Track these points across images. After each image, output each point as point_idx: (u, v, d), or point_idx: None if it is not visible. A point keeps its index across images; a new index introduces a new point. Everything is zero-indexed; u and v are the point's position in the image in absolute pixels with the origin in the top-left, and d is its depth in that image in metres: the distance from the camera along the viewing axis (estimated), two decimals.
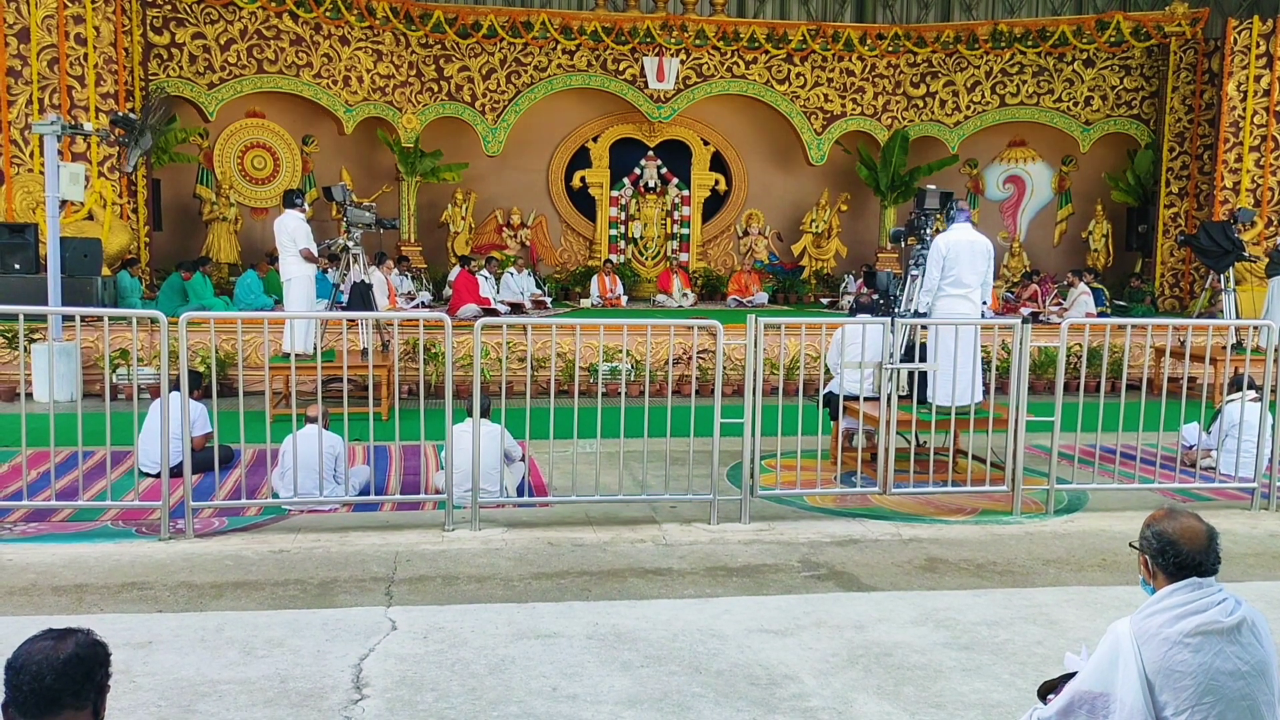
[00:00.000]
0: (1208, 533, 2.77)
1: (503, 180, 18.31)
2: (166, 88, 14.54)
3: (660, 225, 19.02)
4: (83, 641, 2.22)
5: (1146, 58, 17.36)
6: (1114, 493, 7.03)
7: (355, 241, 10.50)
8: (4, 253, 11.43)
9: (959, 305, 7.58)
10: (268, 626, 4.51)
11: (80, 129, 11.12)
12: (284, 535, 5.88)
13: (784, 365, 10.60)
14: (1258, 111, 15.30)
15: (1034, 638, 4.56)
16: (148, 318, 6.63)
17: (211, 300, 13.00)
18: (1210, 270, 12.93)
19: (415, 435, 7.37)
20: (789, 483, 6.76)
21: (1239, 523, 6.53)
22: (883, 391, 6.78)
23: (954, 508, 6.77)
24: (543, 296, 16.24)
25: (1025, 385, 6.68)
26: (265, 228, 14.44)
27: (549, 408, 6.55)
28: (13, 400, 9.78)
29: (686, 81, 17.87)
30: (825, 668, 4.20)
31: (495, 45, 17.27)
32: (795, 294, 18.36)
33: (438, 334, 10.43)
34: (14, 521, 6.10)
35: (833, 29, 18.11)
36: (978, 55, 17.99)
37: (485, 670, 4.12)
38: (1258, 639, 2.68)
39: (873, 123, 18.37)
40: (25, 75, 12.56)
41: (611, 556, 5.64)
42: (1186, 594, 2.71)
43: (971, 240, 7.64)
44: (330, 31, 15.93)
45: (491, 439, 6.43)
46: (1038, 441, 7.67)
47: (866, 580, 5.34)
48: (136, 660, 4.12)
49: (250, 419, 6.75)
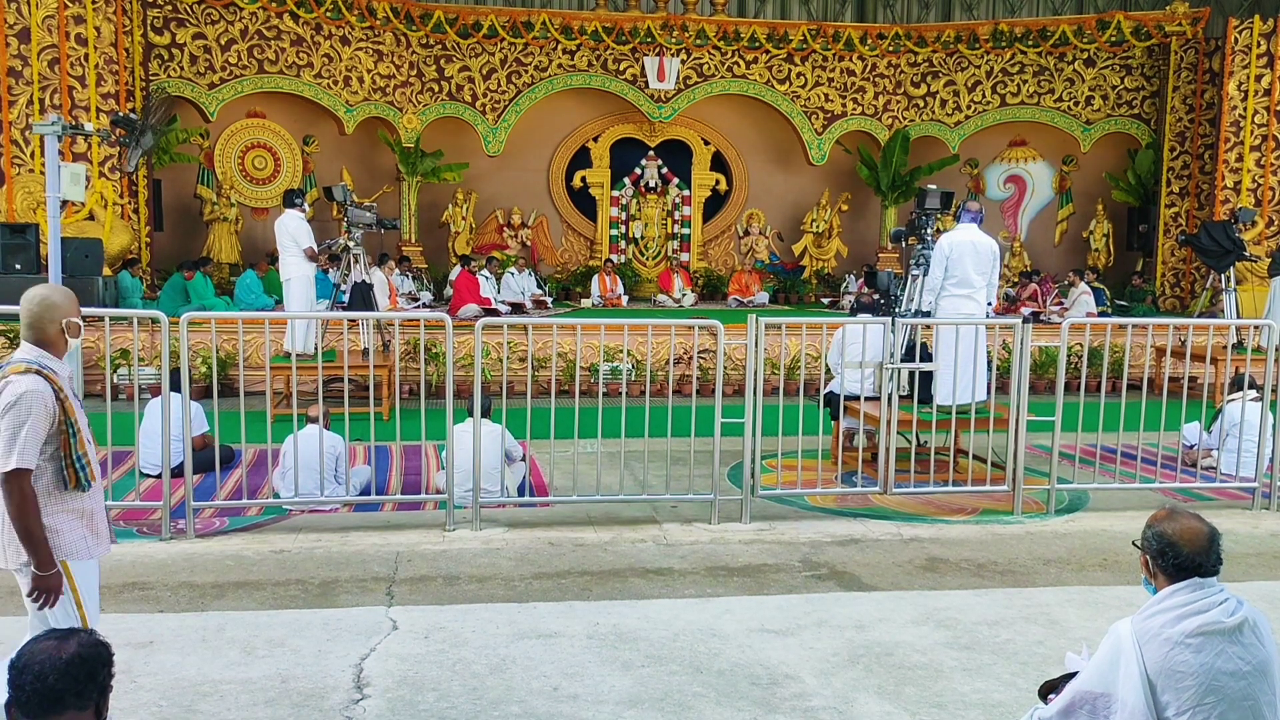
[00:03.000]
0: (1209, 534, 2.77)
1: (503, 180, 18.31)
2: (167, 88, 14.55)
3: (661, 225, 19.02)
4: (85, 642, 2.23)
5: (1147, 57, 17.35)
6: (1115, 492, 7.03)
7: (356, 241, 10.51)
8: (5, 253, 11.43)
9: (964, 305, 7.59)
10: (269, 626, 4.51)
11: (81, 129, 11.07)
12: (285, 535, 5.89)
13: (785, 365, 10.61)
14: (1258, 111, 15.29)
15: (1035, 637, 4.56)
16: (149, 318, 6.64)
17: (213, 300, 13.01)
18: (1211, 270, 12.93)
19: (416, 435, 7.38)
20: (790, 482, 6.77)
21: (1240, 522, 6.54)
22: (883, 391, 6.78)
23: (955, 507, 6.77)
24: (543, 296, 16.23)
25: (1026, 385, 6.68)
26: (266, 228, 14.43)
27: (550, 408, 6.56)
28: None
29: (687, 81, 17.86)
30: (826, 667, 4.20)
31: (496, 45, 17.27)
32: (796, 294, 18.36)
33: (439, 334, 10.44)
34: None
35: (833, 29, 18.10)
36: (978, 55, 17.98)
37: (486, 670, 4.12)
38: (1259, 639, 2.68)
39: (873, 122, 18.36)
40: (26, 75, 12.56)
41: (612, 556, 5.64)
42: (1188, 594, 2.71)
43: (975, 241, 7.64)
44: (331, 32, 15.93)
45: (492, 439, 6.44)
46: (1039, 441, 7.67)
47: (867, 580, 5.34)
48: (138, 660, 4.12)
49: (251, 419, 6.76)
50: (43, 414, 3.05)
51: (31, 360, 3.12)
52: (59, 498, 3.14)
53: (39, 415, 3.04)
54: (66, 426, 3.12)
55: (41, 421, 3.05)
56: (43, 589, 3.07)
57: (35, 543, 3.05)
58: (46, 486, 3.12)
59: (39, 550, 3.05)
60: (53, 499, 3.13)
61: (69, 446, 3.12)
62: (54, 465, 3.12)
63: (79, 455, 3.14)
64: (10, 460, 3.00)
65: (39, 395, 3.05)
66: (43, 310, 3.19)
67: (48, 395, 3.07)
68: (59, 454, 3.12)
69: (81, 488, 3.15)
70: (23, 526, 3.03)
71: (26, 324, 3.18)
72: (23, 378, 3.06)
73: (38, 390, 3.05)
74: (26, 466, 3.03)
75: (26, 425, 3.01)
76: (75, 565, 3.19)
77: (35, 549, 3.05)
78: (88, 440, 3.22)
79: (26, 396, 3.03)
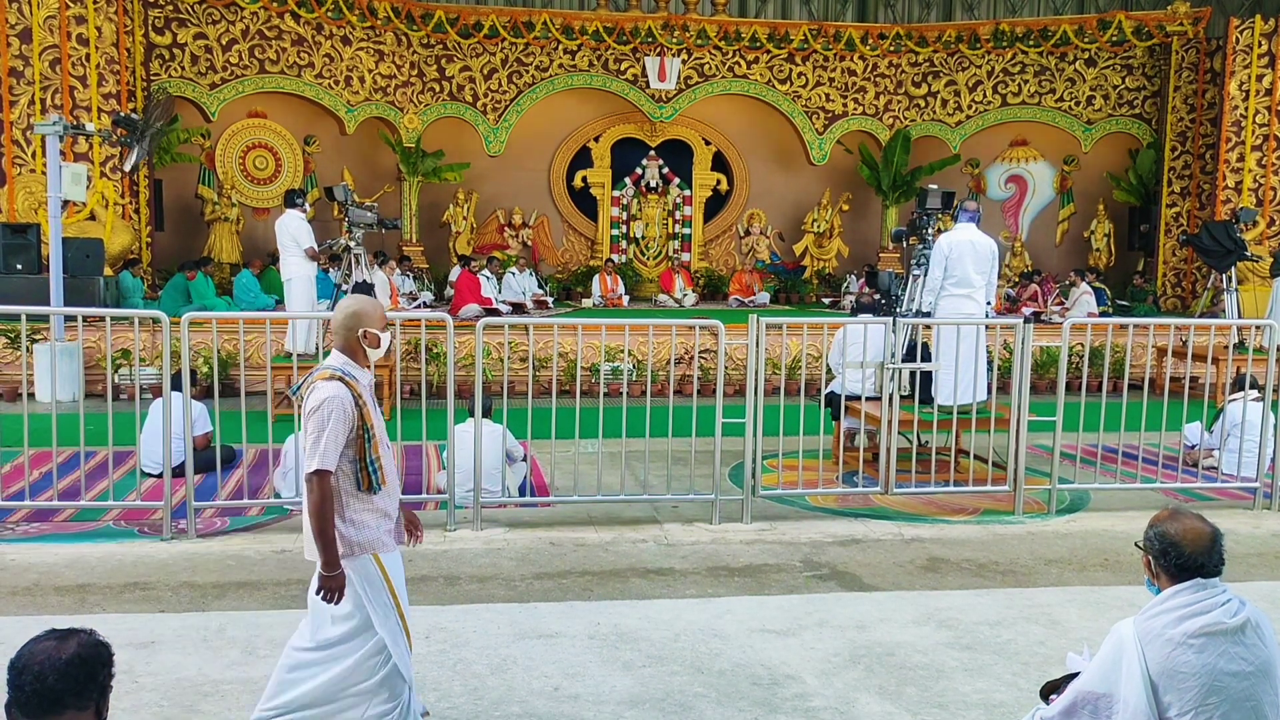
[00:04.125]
0: (1211, 534, 2.77)
1: (504, 180, 18.31)
2: (168, 88, 14.55)
3: (662, 225, 19.02)
4: (86, 642, 2.22)
5: (1148, 57, 17.34)
6: (1116, 492, 7.02)
7: (357, 241, 10.50)
8: (6, 253, 11.44)
9: (963, 305, 7.57)
10: (270, 626, 4.51)
11: (82, 129, 11.12)
12: (286, 535, 5.88)
13: (785, 365, 10.61)
14: (1260, 111, 15.28)
15: (1036, 638, 4.55)
16: (150, 318, 6.64)
17: (214, 300, 13.01)
18: (1212, 270, 12.91)
19: (417, 435, 7.37)
20: (791, 482, 6.76)
21: (1241, 522, 6.53)
22: (884, 391, 6.78)
23: (956, 508, 6.76)
24: (544, 296, 16.23)
25: (1027, 385, 6.68)
26: (267, 228, 14.43)
27: (551, 408, 6.55)
28: (15, 400, 9.79)
29: (688, 81, 17.87)
30: (827, 668, 4.20)
31: (497, 45, 17.28)
32: (797, 294, 18.36)
33: (439, 334, 10.44)
34: (16, 522, 6.10)
35: (834, 28, 18.10)
36: (979, 55, 17.98)
37: (487, 670, 4.12)
38: (1261, 639, 2.68)
39: (874, 122, 18.36)
40: (27, 75, 12.57)
41: (613, 556, 5.64)
42: (1190, 595, 2.71)
43: (974, 240, 7.63)
44: (332, 31, 15.94)
45: (493, 439, 6.44)
46: (1040, 441, 7.66)
47: (869, 580, 5.33)
48: (139, 660, 4.12)
49: (252, 419, 6.75)
50: (342, 419, 3.22)
51: (336, 367, 3.32)
52: (360, 497, 3.30)
53: (339, 420, 3.21)
54: (364, 431, 3.27)
55: (341, 426, 3.22)
56: (328, 588, 3.23)
57: (326, 542, 3.21)
58: (349, 487, 3.29)
59: (328, 550, 3.21)
60: (355, 498, 3.30)
61: (364, 450, 3.28)
62: (353, 468, 3.28)
63: (373, 459, 3.29)
64: (314, 461, 3.19)
65: (339, 401, 3.23)
66: (346, 319, 3.39)
67: (347, 401, 3.25)
68: (355, 457, 3.28)
69: (373, 490, 3.31)
70: (318, 525, 3.20)
71: (334, 331, 3.39)
72: (327, 384, 3.26)
73: (338, 396, 3.23)
74: (327, 468, 3.20)
75: (328, 429, 3.19)
76: (385, 558, 3.36)
77: (325, 548, 3.21)
78: (383, 445, 3.37)
79: (328, 402, 3.21)
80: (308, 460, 3.21)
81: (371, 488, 3.29)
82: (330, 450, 3.19)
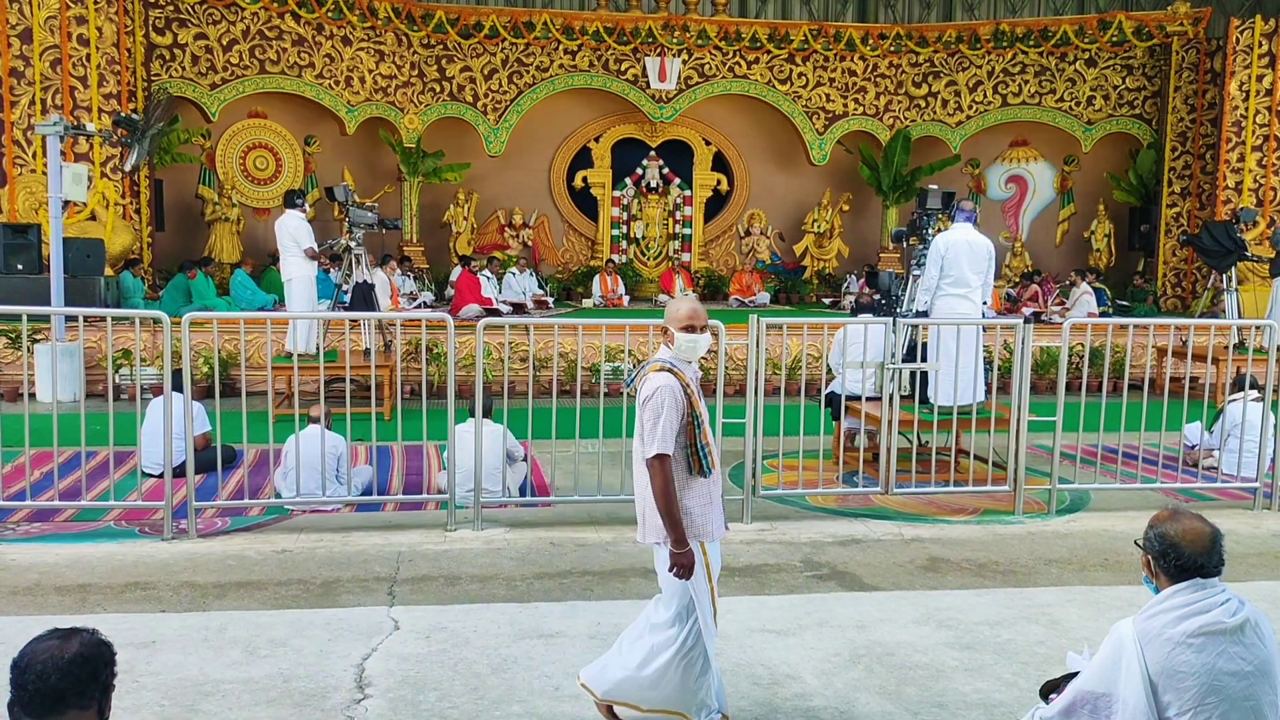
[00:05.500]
0: (1211, 535, 2.77)
1: (504, 180, 18.31)
2: (169, 88, 14.56)
3: (662, 225, 19.02)
4: (88, 641, 2.23)
5: (1149, 57, 17.34)
6: (1116, 493, 7.02)
7: (358, 242, 10.51)
8: (7, 253, 11.45)
9: (959, 305, 7.57)
10: (270, 626, 4.52)
11: (83, 130, 11.14)
12: (287, 535, 5.89)
13: (786, 365, 10.62)
14: (1260, 111, 15.28)
15: (1036, 637, 4.56)
16: (151, 318, 6.64)
17: (214, 300, 13.02)
18: (1213, 270, 12.92)
19: (418, 435, 7.38)
20: (791, 483, 6.77)
21: (1241, 522, 6.54)
22: (884, 391, 6.78)
23: (956, 508, 6.77)
24: (545, 296, 16.24)
25: (1027, 385, 6.68)
26: (267, 228, 14.43)
27: (551, 407, 6.56)
28: (16, 401, 9.79)
29: (688, 81, 17.87)
30: (827, 667, 4.21)
31: (497, 45, 17.28)
32: (797, 294, 18.36)
33: (440, 334, 10.44)
34: (17, 522, 6.11)
35: (834, 29, 18.10)
36: (980, 55, 17.98)
37: (488, 670, 4.12)
38: (1261, 639, 2.68)
39: (874, 123, 18.36)
40: (28, 76, 12.57)
41: (614, 556, 5.64)
42: (1189, 595, 2.71)
43: (970, 240, 7.63)
44: (332, 32, 15.94)
45: (494, 439, 6.44)
46: (1040, 441, 7.67)
47: (869, 580, 5.34)
48: (140, 660, 4.13)
49: (253, 419, 6.77)
50: (673, 407, 3.43)
51: (666, 360, 3.55)
52: (689, 482, 3.50)
53: (670, 408, 3.42)
54: (693, 419, 3.47)
55: (673, 413, 3.42)
56: (680, 565, 3.42)
57: (673, 521, 3.41)
58: (680, 472, 3.48)
59: (676, 529, 3.41)
60: (685, 484, 3.49)
61: (694, 436, 3.47)
62: (685, 454, 3.48)
63: (702, 445, 3.49)
64: (654, 446, 3.40)
65: (670, 390, 3.44)
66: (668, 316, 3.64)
67: (677, 390, 3.46)
68: (686, 443, 3.47)
69: (704, 473, 3.50)
70: (664, 505, 3.41)
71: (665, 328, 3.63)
72: (657, 375, 3.49)
73: (669, 385, 3.45)
74: (667, 451, 3.40)
75: (663, 416, 3.41)
76: (709, 547, 3.55)
77: (673, 527, 3.41)
78: (710, 432, 3.56)
79: (661, 391, 3.43)
80: (647, 446, 3.42)
81: (703, 471, 3.48)
82: (668, 435, 3.39)
